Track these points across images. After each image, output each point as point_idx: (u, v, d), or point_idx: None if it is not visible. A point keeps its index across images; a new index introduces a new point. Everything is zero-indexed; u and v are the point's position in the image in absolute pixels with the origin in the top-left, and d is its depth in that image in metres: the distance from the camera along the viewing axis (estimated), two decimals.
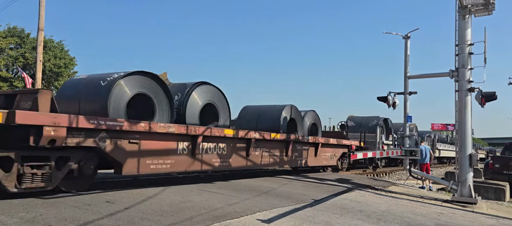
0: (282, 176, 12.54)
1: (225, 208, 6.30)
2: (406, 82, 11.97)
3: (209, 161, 9.11)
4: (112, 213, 5.39)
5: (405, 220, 6.88)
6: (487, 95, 10.14)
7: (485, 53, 10.18)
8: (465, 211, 8.83)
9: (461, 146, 10.19)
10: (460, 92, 10.26)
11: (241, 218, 5.72)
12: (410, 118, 12.23)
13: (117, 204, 6.01)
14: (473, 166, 10.31)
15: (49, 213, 5.14)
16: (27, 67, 30.91)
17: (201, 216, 5.58)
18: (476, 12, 10.40)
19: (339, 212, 6.93)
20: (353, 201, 8.51)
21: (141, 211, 5.64)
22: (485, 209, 9.52)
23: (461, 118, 10.21)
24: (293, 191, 9.04)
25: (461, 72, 10.24)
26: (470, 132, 10.29)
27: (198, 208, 6.16)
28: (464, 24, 10.29)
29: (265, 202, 7.27)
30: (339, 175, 14.49)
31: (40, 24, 17.42)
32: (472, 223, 7.38)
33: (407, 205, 8.90)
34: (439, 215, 7.84)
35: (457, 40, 10.40)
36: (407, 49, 12.13)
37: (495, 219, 8.16)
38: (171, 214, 5.57)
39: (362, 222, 6.27)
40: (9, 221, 4.63)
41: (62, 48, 34.58)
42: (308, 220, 6.01)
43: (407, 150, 11.85)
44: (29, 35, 32.23)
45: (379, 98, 12.47)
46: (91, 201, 6.07)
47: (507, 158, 16.54)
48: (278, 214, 6.24)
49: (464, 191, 10.03)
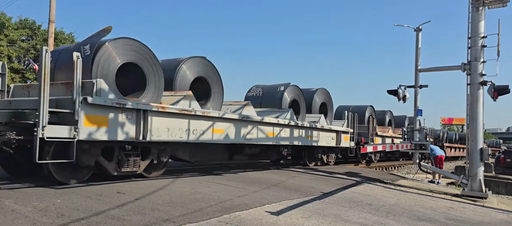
0: (291, 169, 12.55)
1: (234, 200, 6.34)
2: (417, 75, 11.83)
3: None
4: (123, 203, 5.46)
5: (414, 214, 6.86)
6: (499, 89, 9.98)
7: (498, 45, 10.00)
8: (475, 206, 8.76)
9: (472, 140, 10.08)
10: (472, 85, 10.12)
11: (250, 210, 5.75)
12: (421, 112, 12.11)
13: (128, 195, 6.08)
14: (484, 160, 10.20)
15: (61, 202, 5.24)
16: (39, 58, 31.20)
17: (210, 208, 5.62)
18: (490, 4, 10.19)
19: (348, 205, 6.93)
20: (362, 194, 8.49)
21: (151, 202, 5.70)
22: (495, 204, 9.43)
23: (472, 112, 10.09)
24: (301, 184, 9.05)
25: (474, 65, 10.08)
26: (481, 126, 10.16)
27: (207, 199, 6.21)
28: (477, 16, 10.11)
29: (274, 194, 7.30)
30: (348, 169, 14.45)
31: (51, 16, 17.56)
32: (482, 218, 7.32)
33: (416, 199, 8.86)
34: (448, 210, 7.79)
35: (469, 33, 10.22)
36: (418, 41, 11.97)
37: (506, 214, 8.08)
38: (181, 205, 5.63)
39: (371, 215, 6.26)
40: (23, 210, 4.73)
41: (72, 40, 34.84)
42: (317, 212, 6.02)
43: (417, 144, 11.77)
44: (40, 27, 32.52)
45: (389, 92, 12.36)
46: (103, 192, 6.16)
47: None
48: (287, 206, 6.27)
49: (474, 186, 9.94)
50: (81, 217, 4.60)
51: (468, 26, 10.25)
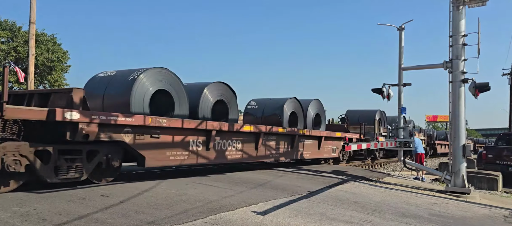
0: (278, 168, 12.57)
1: (220, 201, 6.31)
2: (401, 74, 11.99)
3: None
4: (107, 206, 5.38)
5: (399, 210, 6.94)
6: (480, 86, 10.18)
7: (478, 44, 10.20)
8: (458, 201, 8.92)
9: (455, 137, 10.26)
10: (454, 83, 10.30)
11: (236, 210, 5.73)
12: (405, 110, 12.27)
13: (112, 197, 5.99)
14: (467, 156, 10.39)
15: (43, 207, 5.12)
16: (19, 61, 30.56)
17: (196, 209, 5.58)
18: (470, 3, 10.39)
19: (334, 204, 6.97)
20: (348, 192, 8.55)
21: (136, 205, 5.63)
22: (478, 199, 9.62)
23: (454, 109, 10.27)
24: (288, 183, 9.07)
25: (455, 63, 10.27)
26: (464, 123, 10.35)
27: (193, 201, 6.16)
28: (458, 15, 10.30)
29: (260, 194, 7.29)
30: (335, 167, 14.55)
31: (32, 17, 17.20)
32: (465, 213, 7.46)
33: (401, 195, 8.97)
34: (432, 205, 7.92)
35: (451, 31, 10.41)
36: (401, 40, 12.13)
37: (487, 208, 8.25)
38: (166, 207, 5.57)
39: (357, 213, 6.31)
40: (3, 215, 4.60)
41: (54, 42, 34.22)
42: (303, 211, 6.04)
43: (402, 141, 11.93)
44: (21, 29, 31.84)
45: (374, 90, 12.51)
46: (86, 195, 6.05)
47: (500, 148, 16.70)
48: (273, 206, 6.27)
49: (457, 182, 10.13)
50: (63, 222, 4.51)
51: (449, 25, 10.44)
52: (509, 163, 15.69)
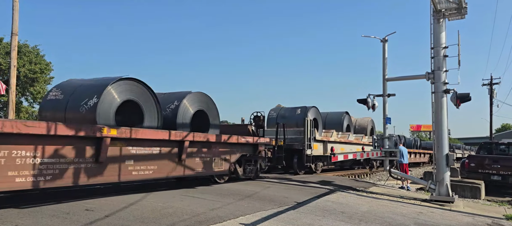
0: (266, 179, 12.55)
1: (207, 213, 6.26)
2: (385, 85, 12.20)
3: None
4: (91, 221, 5.27)
5: (385, 220, 7.00)
6: (462, 97, 10.43)
7: (459, 55, 10.49)
8: (443, 210, 9.05)
9: (438, 146, 10.45)
10: (436, 93, 10.53)
11: (224, 222, 5.69)
12: (389, 120, 12.46)
13: (97, 212, 5.88)
14: (450, 165, 10.57)
15: (25, 223, 4.99)
16: (1, 73, 29.92)
17: (183, 222, 5.52)
18: (450, 16, 10.71)
19: (321, 214, 6.99)
20: (335, 202, 8.59)
21: (122, 219, 5.53)
22: (462, 207, 9.78)
23: (437, 119, 10.47)
24: (276, 194, 9.05)
25: (437, 74, 10.51)
26: (447, 132, 10.55)
27: (180, 213, 6.09)
28: (438, 28, 10.58)
29: (248, 206, 7.26)
30: (322, 177, 14.61)
31: (14, 28, 16.88)
32: (450, 222, 7.56)
33: (388, 205, 9.05)
34: (418, 215, 8.01)
35: (432, 43, 10.67)
36: (385, 52, 12.37)
37: (471, 217, 8.39)
38: (152, 221, 5.49)
39: (344, 223, 6.33)
40: None
41: (37, 53, 33.63)
42: (290, 223, 6.03)
43: (387, 151, 12.08)
44: (2, 40, 31.24)
45: (359, 100, 12.67)
46: (70, 210, 5.92)
47: (482, 157, 17.04)
48: (261, 217, 6.24)
49: (441, 190, 10.28)
50: None
51: (430, 37, 10.71)
52: (491, 171, 16.01)
